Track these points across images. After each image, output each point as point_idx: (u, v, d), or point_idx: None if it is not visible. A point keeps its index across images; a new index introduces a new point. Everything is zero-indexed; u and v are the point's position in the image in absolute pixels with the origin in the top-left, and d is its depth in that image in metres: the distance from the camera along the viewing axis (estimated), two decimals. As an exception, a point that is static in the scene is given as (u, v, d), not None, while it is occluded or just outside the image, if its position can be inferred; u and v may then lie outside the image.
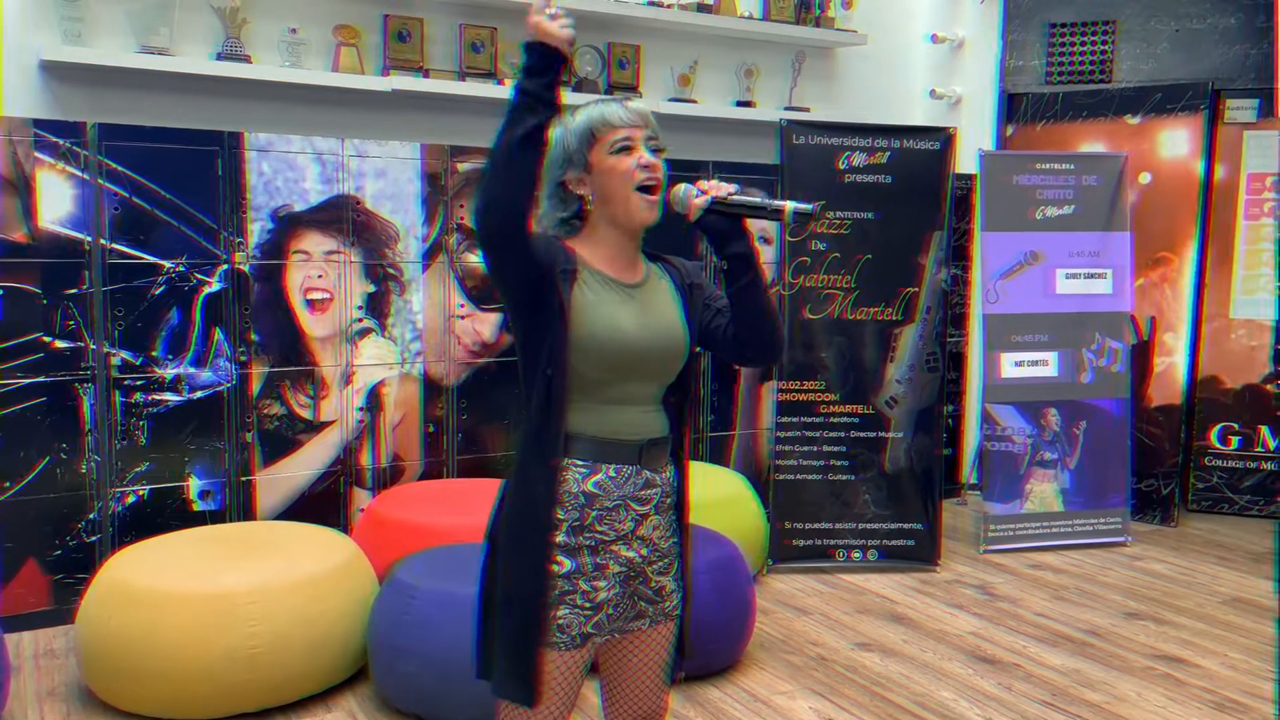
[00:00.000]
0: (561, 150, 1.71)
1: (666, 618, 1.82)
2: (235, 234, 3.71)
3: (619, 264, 1.74)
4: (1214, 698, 3.16)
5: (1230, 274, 5.20)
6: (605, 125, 1.69)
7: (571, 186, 1.72)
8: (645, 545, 1.75)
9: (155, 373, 3.62)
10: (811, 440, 4.28)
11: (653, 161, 1.70)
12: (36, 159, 3.42)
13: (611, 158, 1.69)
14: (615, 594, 1.72)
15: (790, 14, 5.23)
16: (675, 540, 1.82)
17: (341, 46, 4.24)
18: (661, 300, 1.77)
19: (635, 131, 1.70)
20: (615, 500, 1.70)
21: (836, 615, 3.80)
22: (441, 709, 2.81)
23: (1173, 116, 5.00)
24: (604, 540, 1.70)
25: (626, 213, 1.70)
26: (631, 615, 1.77)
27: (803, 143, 4.26)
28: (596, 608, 1.70)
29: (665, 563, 1.79)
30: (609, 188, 1.70)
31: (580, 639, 1.69)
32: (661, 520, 1.77)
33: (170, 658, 2.77)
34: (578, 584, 1.68)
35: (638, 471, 1.72)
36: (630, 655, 1.83)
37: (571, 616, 1.68)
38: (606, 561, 1.70)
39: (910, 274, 4.30)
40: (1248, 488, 5.24)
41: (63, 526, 3.53)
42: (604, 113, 1.69)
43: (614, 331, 1.67)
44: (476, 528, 3.43)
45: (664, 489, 1.77)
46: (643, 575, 1.76)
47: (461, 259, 4.13)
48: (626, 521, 1.72)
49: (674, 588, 1.82)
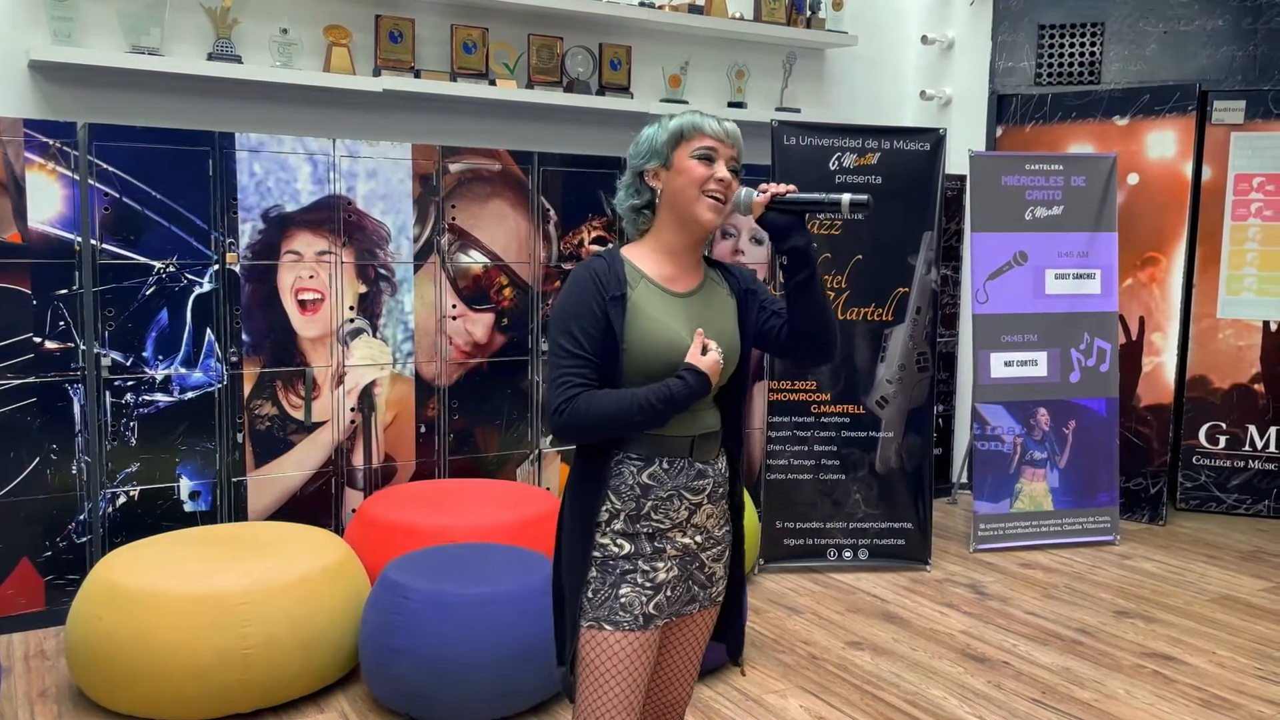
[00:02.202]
0: (649, 144, 1.81)
1: (712, 603, 1.90)
2: (226, 234, 3.70)
3: (677, 269, 1.83)
4: (1203, 695, 3.18)
5: (1217, 274, 5.23)
6: (696, 131, 1.79)
7: (649, 179, 1.82)
8: (700, 532, 1.83)
9: (146, 373, 3.61)
10: (803, 440, 4.30)
11: (727, 178, 1.79)
12: (27, 159, 3.41)
13: (691, 161, 1.78)
14: (674, 576, 1.80)
15: (781, 15, 5.24)
16: (728, 528, 1.91)
17: (333, 47, 4.24)
18: (716, 307, 1.86)
19: (721, 147, 1.79)
20: (669, 491, 1.79)
21: (828, 614, 3.81)
22: (433, 709, 2.81)
23: (1160, 118, 5.03)
24: (660, 528, 1.79)
25: (691, 214, 1.79)
26: (686, 600, 1.85)
27: (794, 144, 4.27)
28: (657, 588, 1.78)
29: (719, 550, 1.88)
30: (680, 187, 1.78)
31: (644, 619, 1.76)
32: (715, 509, 1.86)
33: (162, 658, 2.77)
34: (638, 564, 1.77)
35: (690, 464, 1.81)
36: (679, 638, 1.90)
37: (634, 595, 1.76)
38: (665, 546, 1.79)
39: (902, 274, 4.32)
40: (1236, 486, 5.27)
41: (54, 527, 3.52)
42: (698, 121, 1.80)
43: (666, 342, 1.76)
44: (469, 528, 3.44)
45: (716, 480, 1.85)
46: (699, 561, 1.85)
47: (453, 259, 4.13)
48: (681, 510, 1.80)
49: (723, 574, 1.90)
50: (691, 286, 1.84)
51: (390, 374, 4.04)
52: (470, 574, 2.95)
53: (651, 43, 5.08)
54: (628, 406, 1.69)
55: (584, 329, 1.73)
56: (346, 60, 4.26)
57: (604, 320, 1.73)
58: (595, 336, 1.73)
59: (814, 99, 5.61)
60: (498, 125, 4.72)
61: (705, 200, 1.77)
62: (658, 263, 1.82)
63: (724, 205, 1.79)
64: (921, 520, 4.34)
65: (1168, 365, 5.05)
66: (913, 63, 5.94)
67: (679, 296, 1.81)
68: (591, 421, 1.70)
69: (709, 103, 5.23)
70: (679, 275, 1.83)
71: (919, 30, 5.89)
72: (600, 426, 1.71)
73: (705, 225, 1.79)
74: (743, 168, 1.84)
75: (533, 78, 4.67)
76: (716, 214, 1.78)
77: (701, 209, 1.78)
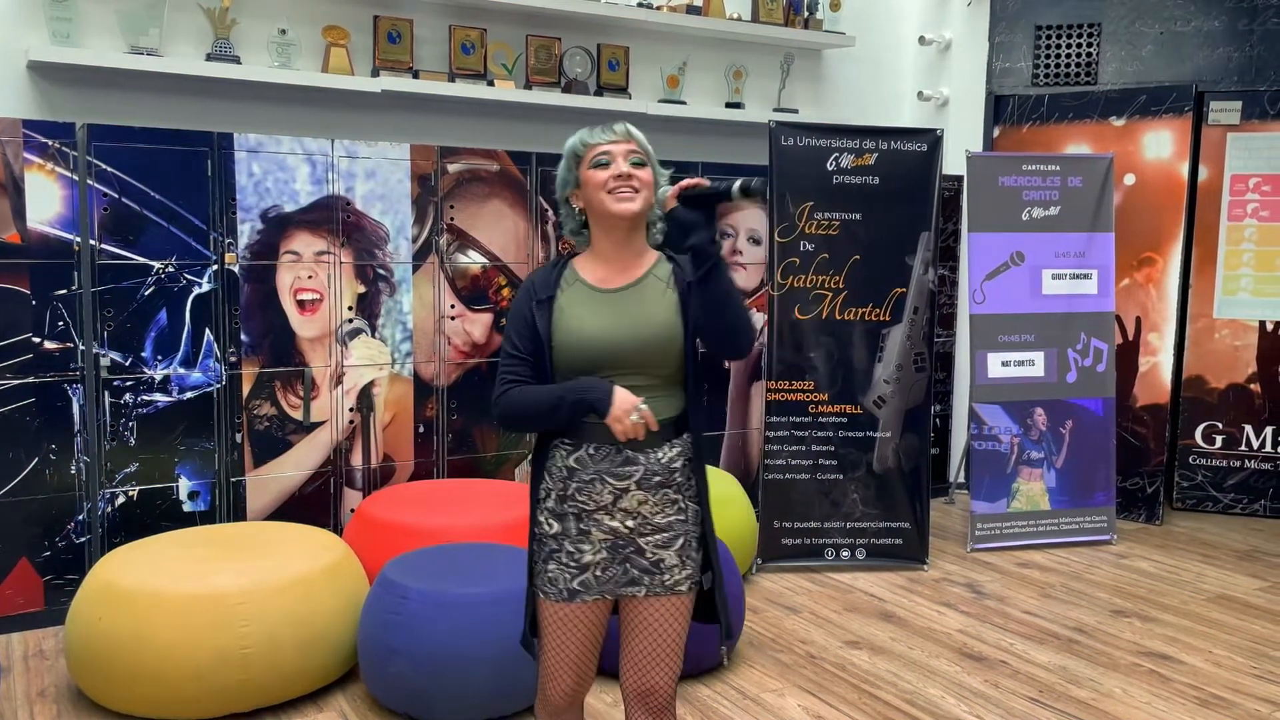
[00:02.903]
0: (561, 174, 1.98)
1: (668, 591, 1.94)
2: (225, 235, 3.71)
3: (610, 270, 1.96)
4: (1199, 694, 3.19)
5: (1213, 275, 5.25)
6: (586, 145, 1.93)
7: (573, 202, 1.98)
8: (631, 517, 1.92)
9: (145, 373, 3.62)
10: (801, 440, 4.30)
11: (626, 171, 1.90)
12: (26, 159, 3.42)
13: (591, 170, 1.92)
14: (603, 558, 1.92)
15: (779, 16, 5.25)
16: (679, 518, 1.95)
17: (331, 47, 4.24)
18: (650, 300, 1.94)
19: (614, 147, 1.91)
20: (591, 474, 1.91)
21: (826, 614, 3.82)
22: (432, 709, 2.82)
23: (1157, 118, 5.04)
24: (586, 509, 1.92)
25: (606, 213, 1.91)
26: (625, 581, 1.94)
27: (791, 144, 4.28)
28: (583, 568, 1.92)
29: (665, 537, 1.93)
30: (589, 196, 1.93)
31: (568, 594, 1.93)
32: (650, 496, 1.92)
33: (161, 658, 2.77)
34: (564, 544, 1.93)
35: (616, 451, 1.91)
36: (635, 622, 1.97)
37: (559, 572, 1.93)
38: (590, 528, 1.92)
39: (899, 274, 4.33)
40: (1232, 486, 5.28)
41: (53, 527, 3.53)
42: (585, 135, 1.94)
43: (578, 334, 1.91)
44: (467, 528, 3.45)
45: (651, 468, 1.92)
46: (634, 545, 1.93)
47: (451, 260, 4.13)
48: (605, 494, 1.91)
49: (677, 563, 1.94)
50: (625, 283, 1.95)
51: (389, 374, 4.04)
52: (469, 574, 2.95)
53: (649, 43, 5.08)
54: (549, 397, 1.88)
55: (518, 330, 1.94)
56: (345, 61, 4.26)
57: (532, 321, 1.92)
58: (526, 336, 1.92)
59: (811, 99, 5.62)
60: (496, 126, 4.73)
61: (610, 197, 1.89)
62: (594, 267, 1.97)
63: (634, 194, 1.89)
64: (919, 520, 4.35)
65: (1164, 365, 5.06)
66: (910, 63, 5.95)
67: (609, 293, 1.94)
68: (519, 411, 1.90)
69: (707, 103, 5.24)
70: (612, 275, 1.96)
71: (916, 31, 5.90)
72: (527, 416, 1.91)
73: (621, 216, 1.90)
74: (653, 156, 1.95)
75: (531, 78, 4.68)
76: (626, 203, 1.89)
77: (610, 204, 1.89)
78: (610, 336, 1.90)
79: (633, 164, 1.91)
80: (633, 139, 1.93)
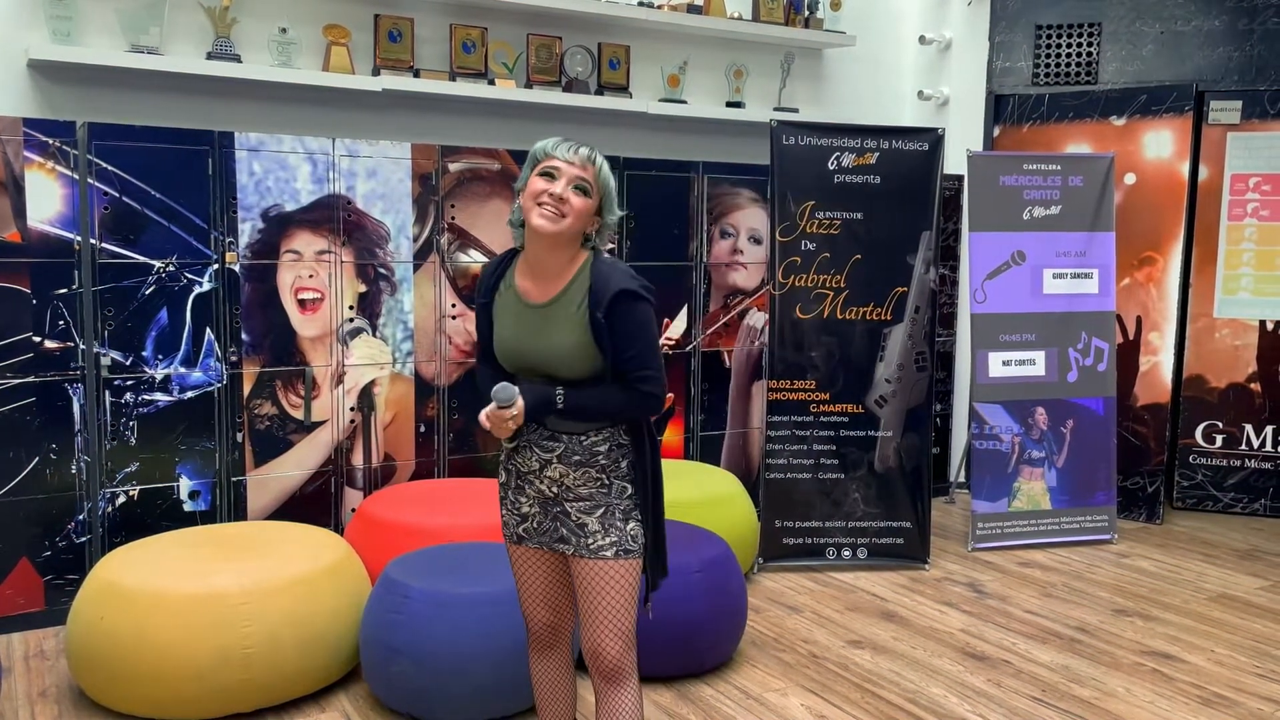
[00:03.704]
0: (524, 169, 2.06)
1: (592, 555, 2.09)
2: (226, 234, 3.70)
3: (534, 280, 2.08)
4: (1201, 693, 3.19)
5: (1214, 274, 5.25)
6: (545, 154, 2.01)
7: (520, 199, 2.04)
8: (556, 485, 2.11)
9: (145, 373, 3.61)
10: (802, 439, 4.30)
11: (564, 196, 1.97)
12: (26, 158, 3.41)
13: (535, 178, 2.00)
14: (535, 512, 2.15)
15: (779, 15, 5.25)
16: (604, 492, 2.09)
17: (332, 46, 4.23)
18: (559, 320, 2.04)
19: (566, 167, 1.99)
20: (525, 443, 2.14)
21: (827, 613, 3.82)
22: (435, 709, 2.81)
23: (1157, 118, 5.04)
24: (521, 470, 2.16)
25: (530, 222, 1.99)
26: (556, 538, 2.14)
27: (793, 143, 4.28)
28: (523, 518, 2.18)
29: (587, 505, 2.10)
30: (524, 200, 2.02)
31: (516, 537, 2.20)
32: (572, 471, 2.09)
33: (162, 658, 2.76)
34: (508, 494, 2.20)
35: (541, 429, 2.11)
36: (576, 586, 2.14)
37: (508, 517, 2.21)
38: (523, 485, 2.16)
39: (900, 274, 4.33)
40: (1232, 485, 5.29)
41: (53, 527, 3.52)
42: (550, 146, 2.01)
43: (500, 341, 2.11)
44: (468, 527, 3.44)
45: (571, 447, 2.08)
46: (561, 508, 2.12)
47: (452, 259, 4.13)
48: (533, 461, 2.13)
49: (599, 529, 2.09)
50: (544, 299, 2.06)
51: (390, 373, 4.04)
52: (471, 573, 2.95)
53: (650, 42, 5.08)
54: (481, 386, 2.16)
55: (479, 320, 2.17)
56: (346, 60, 4.25)
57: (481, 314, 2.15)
58: (482, 326, 2.16)
59: (812, 99, 5.62)
60: (497, 125, 4.72)
61: (536, 209, 1.98)
62: (524, 273, 2.10)
63: (558, 217, 1.97)
64: (920, 519, 4.35)
65: (1165, 365, 5.06)
66: (910, 63, 5.95)
67: (529, 306, 2.07)
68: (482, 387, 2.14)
69: (708, 102, 5.24)
70: (535, 287, 2.07)
71: (917, 30, 5.90)
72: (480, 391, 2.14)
73: (538, 231, 1.98)
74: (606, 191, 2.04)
75: (532, 77, 4.68)
76: (547, 222, 1.97)
77: (533, 217, 1.98)
78: (522, 349, 2.07)
79: (575, 189, 1.98)
80: (589, 168, 2.00)
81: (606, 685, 2.14)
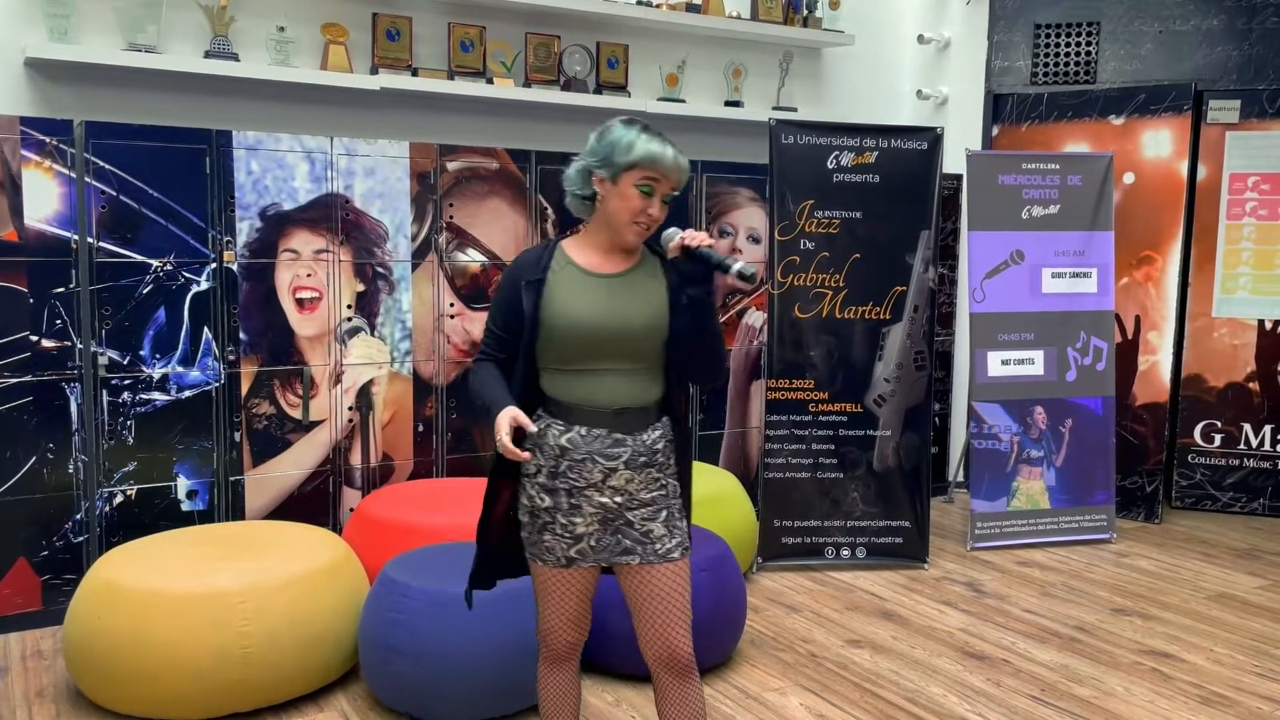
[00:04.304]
0: (609, 149, 1.98)
1: (661, 559, 2.06)
2: (224, 233, 3.69)
3: (604, 257, 2.06)
4: (1201, 692, 3.19)
5: (1213, 273, 5.25)
6: (645, 158, 1.95)
7: (595, 181, 2.01)
8: (619, 494, 2.04)
9: (143, 372, 3.60)
10: (801, 438, 4.30)
11: (656, 215, 2.00)
12: (23, 157, 3.40)
13: (633, 190, 1.97)
14: (594, 530, 2.05)
15: (778, 14, 5.25)
16: (663, 493, 2.08)
17: (330, 45, 4.23)
18: (639, 287, 2.04)
19: (665, 181, 1.98)
20: (583, 454, 2.02)
21: (826, 612, 3.81)
22: (433, 708, 2.81)
23: (1156, 117, 5.04)
24: (576, 486, 2.03)
25: (618, 232, 2.01)
26: (619, 550, 2.07)
27: (792, 142, 4.27)
28: (577, 538, 2.05)
29: (650, 510, 2.06)
30: (616, 208, 1.99)
31: (566, 561, 2.07)
32: (637, 475, 2.04)
33: (160, 658, 2.76)
34: (556, 517, 2.04)
35: (608, 433, 2.02)
36: (641, 592, 2.08)
37: (554, 542, 2.06)
38: (581, 503, 2.03)
39: (899, 273, 4.32)
40: (1231, 485, 5.29)
41: (50, 527, 3.51)
42: (657, 154, 1.96)
43: (566, 316, 1.99)
44: (466, 527, 3.44)
45: (637, 449, 2.04)
46: (624, 519, 2.05)
47: (451, 258, 4.12)
48: (595, 473, 2.02)
49: (665, 533, 2.07)
50: (618, 270, 2.04)
51: (388, 373, 4.03)
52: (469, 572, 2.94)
53: (649, 41, 5.08)
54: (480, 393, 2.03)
55: (500, 309, 2.05)
56: (344, 58, 4.25)
57: (516, 302, 2.02)
58: (509, 315, 2.03)
59: (811, 98, 5.61)
60: (495, 124, 4.72)
61: (632, 226, 1.99)
62: (587, 252, 2.06)
63: (648, 231, 2.02)
64: (919, 518, 4.34)
65: (1163, 364, 5.06)
66: (909, 62, 5.94)
67: (600, 277, 2.03)
68: (473, 389, 2.05)
69: (706, 101, 5.23)
70: (606, 261, 2.05)
71: (915, 29, 5.89)
72: (473, 398, 2.05)
73: (628, 245, 2.03)
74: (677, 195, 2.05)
75: (530, 76, 4.67)
76: (639, 238, 2.02)
77: (628, 233, 2.00)
78: (599, 320, 1.99)
79: (665, 201, 2.00)
80: (681, 179, 2.01)
81: (679, 680, 2.12)
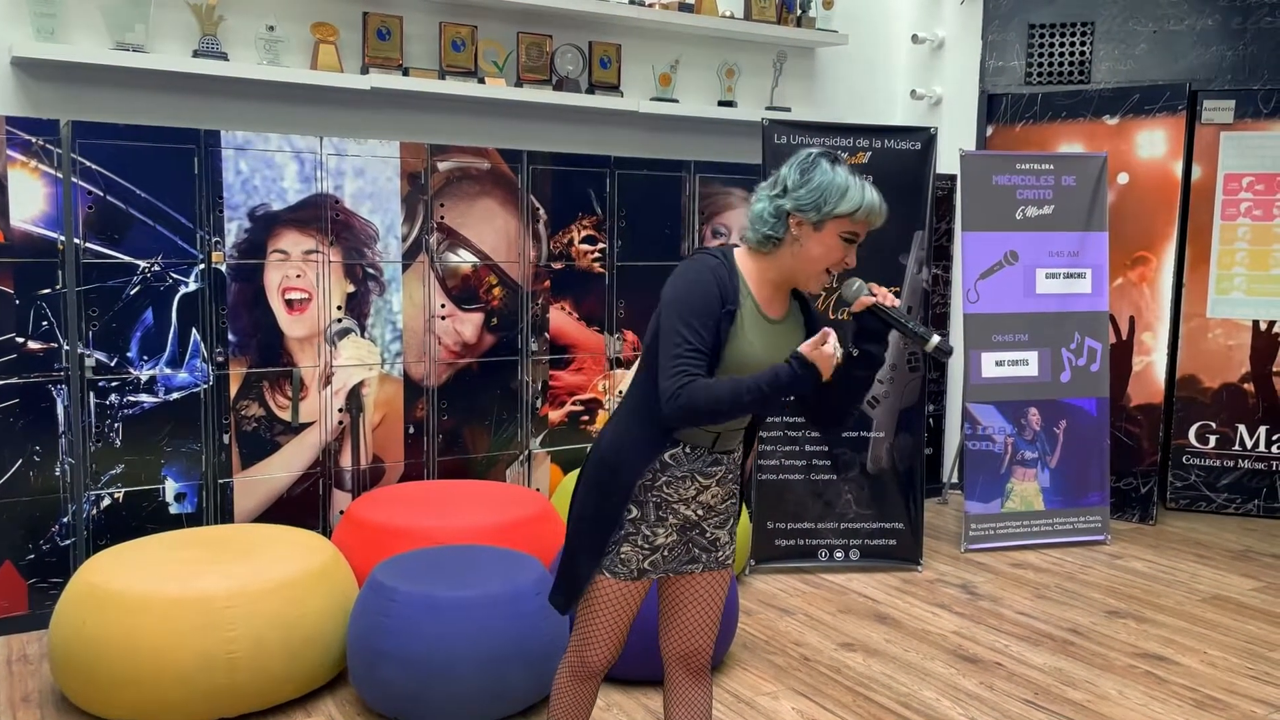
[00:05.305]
0: (819, 194, 1.89)
1: (720, 566, 2.12)
2: (212, 233, 3.67)
3: (773, 295, 2.00)
4: (1195, 695, 3.17)
5: (1207, 274, 5.24)
6: (858, 209, 1.89)
7: (792, 222, 1.92)
8: (703, 507, 2.06)
9: (130, 374, 3.57)
10: (794, 440, 4.28)
11: (848, 264, 1.96)
12: (9, 157, 3.37)
13: (836, 240, 1.92)
14: (672, 541, 2.05)
15: (771, 14, 5.23)
16: (733, 503, 2.13)
17: (320, 44, 4.20)
18: (791, 339, 2.02)
19: (864, 233, 1.94)
20: (684, 472, 2.02)
21: (820, 615, 3.79)
22: (422, 712, 2.78)
23: (1150, 117, 5.03)
24: (667, 499, 2.02)
25: (804, 278, 1.96)
26: (686, 560, 2.09)
27: (785, 142, 4.25)
28: (654, 550, 2.03)
29: (721, 519, 2.11)
30: (811, 254, 1.92)
31: (638, 573, 2.03)
32: (722, 490, 2.08)
33: (147, 662, 2.73)
34: (640, 528, 2.02)
35: (708, 453, 2.02)
36: (687, 594, 2.12)
37: (633, 553, 2.02)
38: (667, 515, 2.03)
39: (893, 274, 4.31)
40: (1225, 486, 5.27)
41: (37, 530, 3.48)
42: (871, 208, 1.90)
43: (744, 357, 1.93)
44: (457, 530, 3.41)
45: (729, 466, 2.07)
46: (699, 528, 2.08)
47: (442, 259, 4.10)
48: (690, 489, 2.03)
49: (728, 540, 2.13)
50: (782, 314, 2.02)
51: (378, 374, 4.00)
52: (459, 576, 2.92)
53: (641, 41, 5.05)
54: (739, 390, 1.84)
55: (705, 324, 1.88)
56: (334, 58, 4.22)
57: (717, 325, 1.89)
58: (710, 330, 1.88)
59: (804, 98, 5.59)
60: (487, 123, 4.69)
61: (819, 274, 1.94)
62: (761, 285, 1.98)
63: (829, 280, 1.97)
64: (913, 520, 4.32)
65: (1158, 365, 5.05)
66: (903, 62, 5.93)
67: (772, 322, 1.99)
68: (703, 407, 1.84)
69: (699, 101, 5.21)
70: (774, 301, 2.00)
71: (909, 29, 5.88)
72: (710, 412, 1.84)
73: (808, 290, 2.00)
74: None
75: (522, 76, 4.65)
76: (821, 286, 1.98)
77: (815, 281, 1.96)
78: (760, 365, 1.94)
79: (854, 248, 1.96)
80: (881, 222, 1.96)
81: (693, 680, 2.16)
